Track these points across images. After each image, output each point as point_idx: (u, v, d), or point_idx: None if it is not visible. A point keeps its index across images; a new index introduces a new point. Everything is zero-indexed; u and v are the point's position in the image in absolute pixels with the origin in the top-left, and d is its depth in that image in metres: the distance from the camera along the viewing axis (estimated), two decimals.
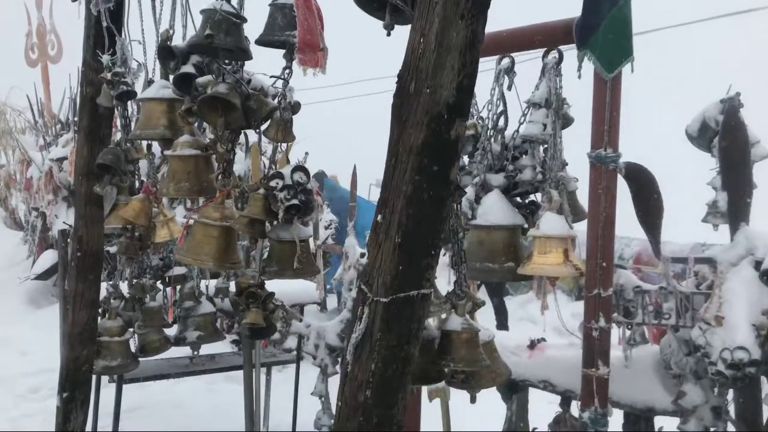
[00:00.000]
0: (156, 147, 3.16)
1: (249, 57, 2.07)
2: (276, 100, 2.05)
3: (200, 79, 2.07)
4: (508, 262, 2.70)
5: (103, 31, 2.79)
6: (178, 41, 2.38)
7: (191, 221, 2.25)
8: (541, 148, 2.84)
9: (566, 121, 2.91)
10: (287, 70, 1.99)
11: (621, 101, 2.89)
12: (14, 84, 10.62)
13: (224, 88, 1.99)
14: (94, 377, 3.31)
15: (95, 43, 2.88)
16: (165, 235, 2.60)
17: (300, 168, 2.06)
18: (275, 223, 2.16)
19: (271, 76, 2.04)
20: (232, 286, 4.44)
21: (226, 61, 2.06)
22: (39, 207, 8.52)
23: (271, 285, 4.61)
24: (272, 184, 2.07)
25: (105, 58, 2.77)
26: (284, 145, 2.15)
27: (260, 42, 2.00)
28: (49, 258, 8.26)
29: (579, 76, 2.94)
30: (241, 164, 4.63)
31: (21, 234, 10.57)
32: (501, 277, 2.72)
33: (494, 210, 2.73)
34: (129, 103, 2.83)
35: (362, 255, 4.30)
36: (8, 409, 5.72)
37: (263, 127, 2.11)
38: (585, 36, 2.84)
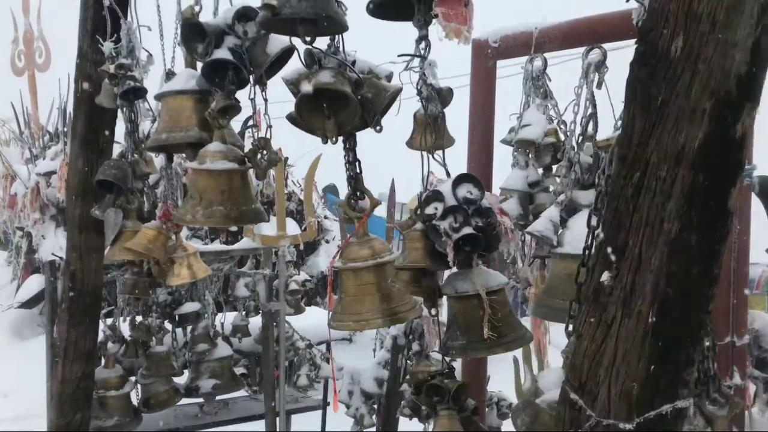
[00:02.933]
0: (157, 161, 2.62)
1: (343, 27, 1.45)
2: (417, 88, 1.39)
3: (287, 75, 1.45)
4: None
5: (105, 12, 2.22)
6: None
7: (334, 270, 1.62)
8: None
9: None
10: (422, 42, 1.35)
11: None
12: None
13: (329, 76, 1.38)
14: None
15: (94, 28, 2.32)
16: (185, 276, 1.97)
17: (466, 177, 1.41)
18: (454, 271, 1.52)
19: (399, 55, 1.38)
20: (253, 323, 3.81)
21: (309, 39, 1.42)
22: (24, 226, 7.81)
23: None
24: (429, 211, 1.44)
25: (107, 47, 2.22)
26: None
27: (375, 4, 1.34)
28: (35, 283, 7.57)
29: None
30: None
31: (5, 255, 9.83)
32: None
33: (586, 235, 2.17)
34: (137, 102, 2.25)
35: None
36: None
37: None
38: None
